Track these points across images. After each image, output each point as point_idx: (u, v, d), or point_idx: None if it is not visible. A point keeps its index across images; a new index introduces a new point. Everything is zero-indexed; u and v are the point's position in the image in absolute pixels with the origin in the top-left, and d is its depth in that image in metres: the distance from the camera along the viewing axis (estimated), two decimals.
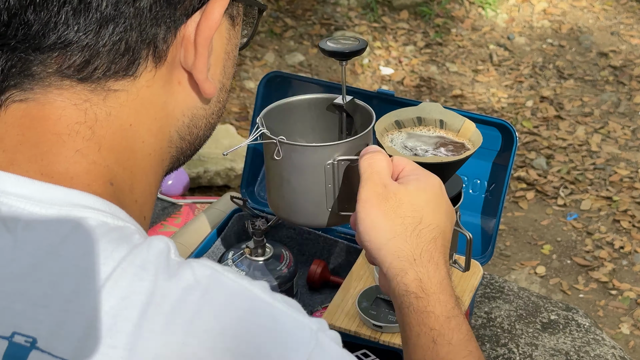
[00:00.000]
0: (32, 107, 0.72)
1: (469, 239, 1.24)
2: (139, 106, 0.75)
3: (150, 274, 0.67)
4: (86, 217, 0.69)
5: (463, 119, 1.25)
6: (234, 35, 0.81)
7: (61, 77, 0.72)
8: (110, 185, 0.73)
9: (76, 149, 0.72)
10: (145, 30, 0.72)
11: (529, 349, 1.38)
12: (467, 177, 1.43)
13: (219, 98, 0.82)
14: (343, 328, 1.26)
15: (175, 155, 0.81)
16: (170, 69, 0.76)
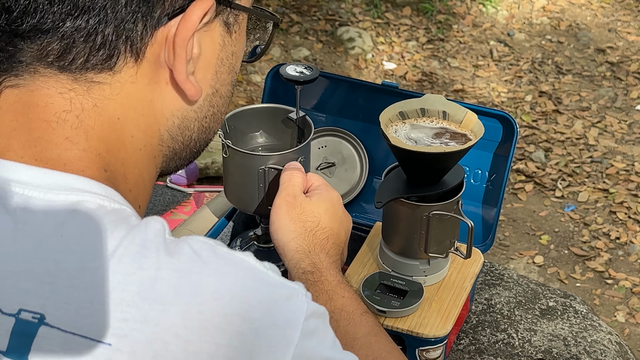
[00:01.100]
0: (23, 93, 0.74)
1: (470, 227, 1.28)
2: (124, 101, 0.76)
3: (152, 251, 0.70)
4: (84, 200, 0.71)
5: (465, 110, 1.29)
6: (230, 43, 0.82)
7: (44, 65, 0.74)
8: (104, 172, 0.75)
9: (65, 137, 0.74)
10: (121, 25, 0.73)
11: (527, 334, 1.42)
12: (469, 168, 1.46)
13: (212, 102, 0.84)
14: None
15: (168, 155, 0.83)
16: (155, 67, 0.77)
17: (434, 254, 1.31)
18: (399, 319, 1.28)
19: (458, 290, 1.34)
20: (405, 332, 1.27)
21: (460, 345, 1.40)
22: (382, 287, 1.31)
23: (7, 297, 0.69)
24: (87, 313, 0.67)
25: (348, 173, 1.52)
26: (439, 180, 1.29)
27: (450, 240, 1.32)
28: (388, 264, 1.35)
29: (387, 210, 1.33)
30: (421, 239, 1.30)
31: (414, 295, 1.30)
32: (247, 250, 1.42)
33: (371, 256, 1.39)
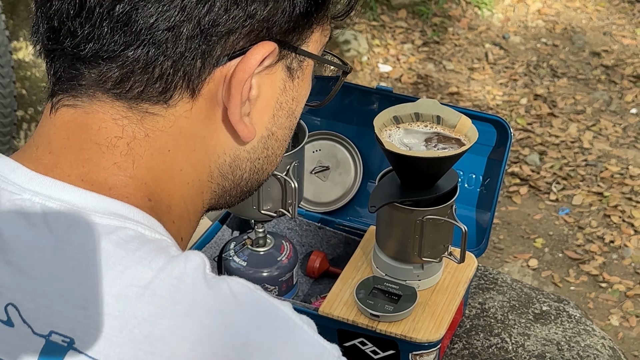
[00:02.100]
0: (79, 114, 0.75)
1: (463, 231, 1.28)
2: (177, 134, 0.76)
3: (188, 286, 0.69)
4: (125, 227, 0.71)
5: (459, 115, 1.29)
6: (291, 88, 0.81)
7: (101, 90, 0.74)
8: (148, 201, 0.75)
9: (114, 162, 0.74)
10: (179, 60, 0.73)
11: (521, 339, 1.42)
12: (463, 172, 1.47)
13: (267, 144, 0.82)
14: (341, 317, 1.30)
15: (217, 192, 0.82)
16: (211, 105, 0.76)
17: (427, 259, 1.31)
18: (392, 324, 1.28)
19: (452, 295, 1.34)
20: (398, 336, 1.27)
21: (453, 350, 1.40)
22: (376, 291, 1.32)
23: (40, 317, 0.69)
24: (116, 342, 0.67)
25: (342, 177, 1.52)
26: (433, 184, 1.29)
27: (444, 245, 1.32)
28: (382, 268, 1.35)
29: (381, 214, 1.33)
30: (415, 243, 1.30)
31: (408, 300, 1.30)
32: (241, 253, 1.43)
33: (365, 260, 1.39)
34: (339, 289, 1.34)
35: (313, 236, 1.53)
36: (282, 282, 1.43)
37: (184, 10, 0.71)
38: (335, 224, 1.51)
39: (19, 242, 0.71)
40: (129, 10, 0.71)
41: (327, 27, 0.82)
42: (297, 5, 0.76)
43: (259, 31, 0.74)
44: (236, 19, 0.73)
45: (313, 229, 1.52)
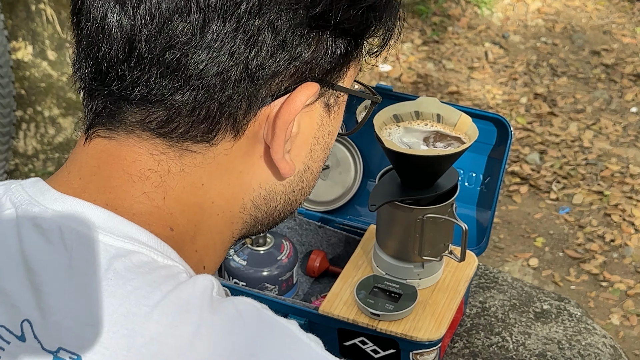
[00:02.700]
0: (113, 145, 0.76)
1: (464, 230, 1.28)
2: (213, 169, 0.77)
3: (196, 307, 0.70)
4: (138, 251, 0.72)
5: (459, 113, 1.29)
6: (328, 122, 0.82)
7: (143, 129, 0.75)
8: (169, 230, 0.76)
9: (143, 191, 0.75)
10: (226, 103, 0.74)
11: (522, 338, 1.42)
12: (463, 170, 1.46)
13: (302, 178, 0.84)
14: (341, 316, 1.29)
15: (248, 222, 0.83)
16: (252, 142, 0.77)
17: (428, 257, 1.31)
18: (392, 323, 1.28)
19: (452, 294, 1.34)
20: (399, 335, 1.27)
21: (454, 349, 1.40)
22: (376, 290, 1.31)
23: (50, 333, 0.70)
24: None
25: (342, 176, 1.52)
26: (433, 183, 1.29)
27: (444, 244, 1.32)
28: (382, 267, 1.34)
29: (381, 213, 1.33)
30: (415, 242, 1.29)
31: (408, 299, 1.29)
32: (241, 252, 1.42)
33: (365, 259, 1.39)
34: (339, 288, 1.34)
35: (313, 235, 1.53)
36: (282, 281, 1.43)
37: (233, 56, 0.72)
38: (335, 223, 1.51)
39: (37, 259, 0.72)
40: (179, 57, 0.72)
41: (360, 61, 0.83)
42: (339, 46, 0.77)
43: (303, 72, 0.76)
44: (281, 62, 0.74)
45: (313, 228, 1.52)
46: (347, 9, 0.75)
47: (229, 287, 1.37)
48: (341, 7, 0.75)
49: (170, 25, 0.71)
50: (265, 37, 0.73)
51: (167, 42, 0.71)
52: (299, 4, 0.73)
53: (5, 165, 2.27)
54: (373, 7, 0.78)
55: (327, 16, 0.75)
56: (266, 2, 0.72)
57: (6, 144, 2.25)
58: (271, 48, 0.73)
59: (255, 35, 0.72)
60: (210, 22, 0.71)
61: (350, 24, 0.76)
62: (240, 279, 1.41)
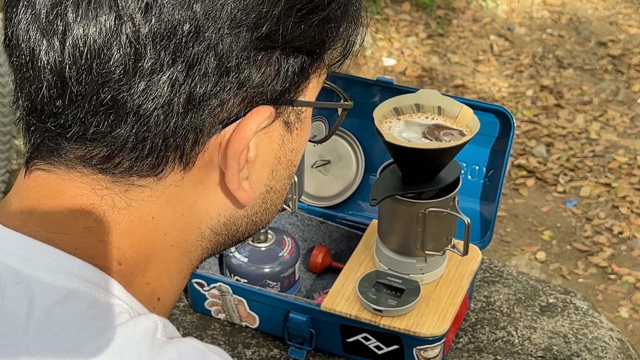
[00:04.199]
0: (53, 179, 0.71)
1: (466, 224, 1.26)
2: (164, 202, 0.72)
3: (133, 353, 0.65)
4: (79, 290, 0.68)
5: (460, 105, 1.27)
6: (290, 140, 0.76)
7: (84, 165, 0.70)
8: (117, 264, 0.71)
9: (86, 226, 0.71)
10: (171, 136, 0.69)
11: (527, 332, 1.40)
12: (466, 164, 1.45)
13: (265, 199, 0.78)
14: (344, 312, 1.28)
15: (209, 248, 0.78)
16: (206, 170, 0.72)
17: (430, 252, 1.29)
18: (395, 318, 1.26)
19: (456, 288, 1.32)
20: (402, 331, 1.26)
21: (459, 344, 1.38)
22: (379, 285, 1.30)
23: None
24: None
25: (344, 171, 1.50)
26: (435, 176, 1.27)
27: (447, 238, 1.30)
28: (384, 262, 1.33)
29: (382, 207, 1.31)
30: (417, 236, 1.28)
31: (411, 294, 1.28)
32: (242, 249, 1.41)
33: (367, 254, 1.37)
34: (342, 284, 1.32)
35: (315, 231, 1.51)
36: (284, 277, 1.41)
37: (173, 86, 0.67)
38: (337, 218, 1.49)
39: None
40: (113, 95, 0.67)
41: (323, 71, 0.77)
42: (293, 64, 0.72)
43: (253, 96, 0.70)
44: (228, 89, 0.69)
45: (315, 223, 1.51)
46: (296, 26, 0.70)
47: (231, 285, 1.36)
48: (289, 24, 0.69)
49: (99, 62, 0.66)
50: (208, 63, 0.67)
51: (98, 80, 0.67)
52: (241, 26, 0.68)
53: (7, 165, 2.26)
54: (327, 19, 0.72)
55: (275, 36, 0.69)
56: (204, 27, 0.67)
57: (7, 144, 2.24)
58: (215, 75, 0.68)
59: (196, 63, 0.67)
60: (143, 54, 0.66)
61: (302, 40, 0.71)
62: (241, 276, 1.40)
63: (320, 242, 1.51)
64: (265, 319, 1.38)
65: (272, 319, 1.37)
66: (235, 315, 1.39)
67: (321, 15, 0.71)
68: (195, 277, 1.38)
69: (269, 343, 1.38)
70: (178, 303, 1.44)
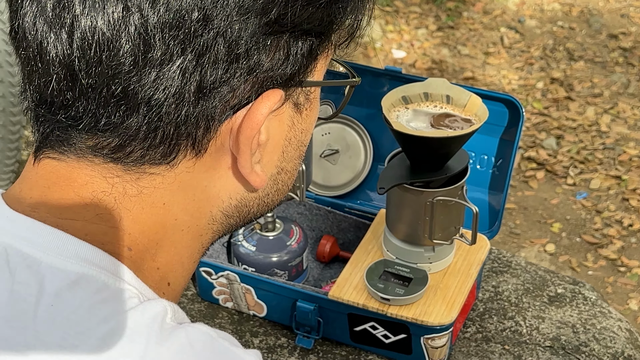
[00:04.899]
0: (63, 167, 0.71)
1: (475, 212, 1.26)
2: (175, 189, 0.72)
3: (142, 337, 0.65)
4: (89, 274, 0.68)
5: (469, 94, 1.27)
6: (300, 121, 0.77)
7: (95, 154, 0.70)
8: (127, 250, 0.72)
9: (96, 213, 0.71)
10: (183, 124, 0.69)
11: (535, 322, 1.40)
12: (475, 153, 1.44)
13: (276, 180, 0.79)
14: (351, 301, 1.28)
15: (220, 230, 0.79)
16: (217, 156, 0.73)
17: (438, 241, 1.29)
18: (403, 307, 1.26)
19: (464, 278, 1.32)
20: (409, 320, 1.25)
21: (467, 334, 1.38)
22: (386, 274, 1.30)
23: None
24: None
25: (352, 160, 1.50)
26: (443, 165, 1.27)
27: (455, 227, 1.30)
28: (392, 251, 1.33)
29: (390, 196, 1.31)
30: (425, 225, 1.28)
31: (419, 283, 1.28)
32: (250, 238, 1.41)
33: (375, 244, 1.37)
34: (349, 272, 1.32)
35: (323, 220, 1.51)
36: (291, 266, 1.41)
37: (184, 75, 0.67)
38: (345, 208, 1.49)
39: None
40: (125, 87, 0.67)
41: (331, 51, 0.77)
42: (301, 47, 0.72)
43: (263, 81, 0.70)
44: (238, 75, 0.69)
45: (323, 213, 1.51)
46: (304, 9, 0.70)
47: (238, 274, 1.36)
48: (298, 8, 0.69)
49: (108, 54, 0.66)
50: (217, 50, 0.67)
51: (109, 72, 0.67)
52: (249, 12, 0.68)
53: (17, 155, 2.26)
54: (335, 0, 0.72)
55: (283, 20, 0.69)
56: (213, 14, 0.67)
57: (17, 134, 2.24)
58: (225, 62, 0.68)
59: (206, 51, 0.67)
60: (152, 44, 0.66)
61: (310, 23, 0.71)
62: (249, 265, 1.40)
63: (329, 232, 1.51)
64: (273, 307, 1.38)
65: (280, 308, 1.37)
66: (242, 303, 1.40)
67: None
68: (203, 266, 1.38)
69: (277, 332, 1.38)
70: (186, 292, 1.45)
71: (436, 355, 1.29)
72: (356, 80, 0.84)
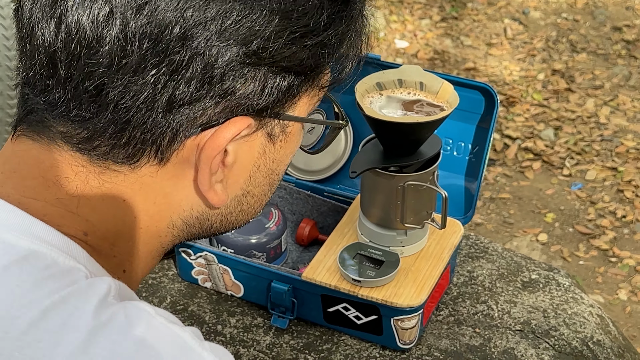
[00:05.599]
0: (35, 148, 0.74)
1: (444, 197, 1.28)
2: (137, 189, 0.75)
3: (82, 312, 0.67)
4: (39, 250, 0.70)
5: (442, 81, 1.29)
6: (272, 150, 0.78)
7: (65, 141, 0.73)
8: (83, 235, 0.74)
9: (57, 197, 0.73)
10: (149, 131, 0.71)
11: (507, 306, 1.42)
12: (452, 140, 1.46)
13: (241, 201, 0.80)
14: (324, 282, 1.31)
15: (180, 236, 0.81)
16: (182, 167, 0.75)
17: (410, 225, 1.31)
18: (374, 289, 1.29)
19: (435, 261, 1.34)
20: (380, 301, 1.28)
21: (439, 317, 1.40)
22: (359, 257, 1.32)
23: None
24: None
25: (332, 145, 1.52)
26: (415, 150, 1.29)
27: (427, 211, 1.32)
28: (366, 234, 1.35)
29: (364, 181, 1.33)
30: (397, 209, 1.30)
31: (390, 266, 1.30)
32: None
33: (351, 227, 1.40)
34: (324, 255, 1.35)
35: (303, 204, 1.54)
36: (269, 248, 1.44)
37: (155, 86, 0.69)
38: (325, 192, 1.52)
39: None
40: (98, 85, 0.70)
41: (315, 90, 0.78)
42: (280, 82, 0.72)
43: (234, 107, 0.72)
44: (209, 97, 0.71)
45: (303, 197, 1.53)
46: (286, 47, 0.71)
47: (216, 254, 1.39)
48: (280, 44, 0.70)
49: (87, 51, 0.69)
50: (192, 70, 0.69)
51: (85, 69, 0.69)
52: (230, 39, 0.69)
53: None
54: (322, 44, 0.73)
55: (263, 53, 0.70)
56: (193, 34, 0.68)
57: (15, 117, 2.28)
58: (198, 82, 0.69)
59: (181, 68, 0.69)
60: (129, 52, 0.68)
61: (291, 62, 0.72)
62: (228, 247, 1.43)
63: (308, 215, 1.54)
64: (250, 288, 1.41)
65: (256, 289, 1.40)
66: (220, 284, 1.43)
67: (315, 40, 0.72)
68: (182, 246, 1.41)
69: (253, 312, 1.41)
70: (167, 272, 1.48)
71: (406, 336, 1.32)
72: (342, 123, 0.86)
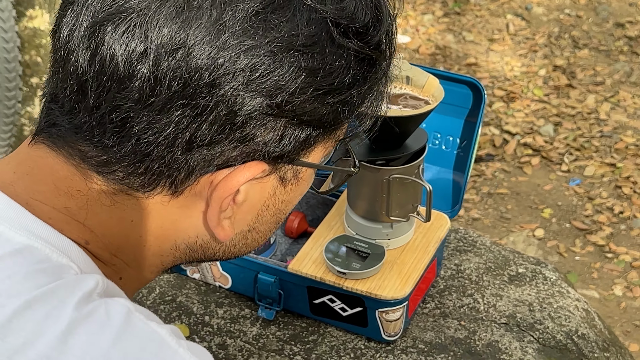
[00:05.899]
0: (51, 157, 0.76)
1: (428, 190, 1.29)
2: (146, 213, 0.76)
3: (66, 305, 0.68)
4: (35, 246, 0.72)
5: (427, 75, 1.30)
6: (282, 193, 0.80)
7: (83, 159, 0.75)
8: (84, 242, 0.76)
9: (66, 206, 0.75)
10: (166, 166, 0.73)
11: (493, 300, 1.43)
12: (440, 134, 1.47)
13: (246, 236, 0.82)
14: (309, 274, 1.32)
15: (182, 258, 0.83)
16: (193, 199, 0.76)
17: (395, 218, 1.32)
18: (359, 281, 1.30)
19: (421, 254, 1.35)
20: (364, 293, 1.29)
21: (425, 309, 1.41)
22: (345, 249, 1.33)
23: None
24: None
25: None
26: (401, 144, 1.30)
27: (412, 205, 1.33)
28: (353, 227, 1.36)
29: None
30: (383, 202, 1.31)
31: (375, 258, 1.31)
32: None
33: (338, 220, 1.41)
34: (310, 247, 1.36)
35: None
36: None
37: (177, 126, 0.71)
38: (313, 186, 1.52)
39: None
40: (123, 119, 0.71)
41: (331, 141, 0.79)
42: (299, 134, 0.74)
43: (251, 152, 0.74)
44: (229, 141, 0.73)
45: None
46: (309, 103, 0.73)
47: None
48: (303, 100, 0.72)
49: (118, 85, 0.71)
50: (217, 114, 0.71)
51: (114, 102, 0.71)
52: (256, 91, 0.71)
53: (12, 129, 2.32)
54: (343, 102, 0.74)
55: (286, 107, 0.72)
56: (222, 82, 0.70)
57: (12, 108, 2.30)
58: (221, 125, 0.71)
59: (205, 112, 0.71)
60: (157, 91, 0.70)
61: (312, 116, 0.73)
62: None
63: (298, 208, 1.55)
64: (238, 279, 1.42)
65: (244, 280, 1.41)
66: (209, 275, 1.44)
67: (338, 98, 0.74)
68: None
69: (241, 303, 1.42)
70: None
71: (391, 328, 1.33)
72: (354, 170, 0.87)
